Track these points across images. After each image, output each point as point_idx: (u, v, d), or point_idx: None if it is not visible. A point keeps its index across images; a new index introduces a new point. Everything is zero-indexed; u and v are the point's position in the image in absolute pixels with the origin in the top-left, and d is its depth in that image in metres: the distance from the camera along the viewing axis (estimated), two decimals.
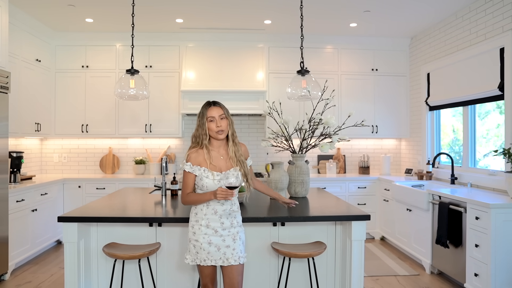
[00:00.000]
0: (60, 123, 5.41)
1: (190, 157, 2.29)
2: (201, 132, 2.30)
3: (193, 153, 2.30)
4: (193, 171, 2.26)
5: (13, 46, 4.40)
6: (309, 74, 3.17)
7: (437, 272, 4.02)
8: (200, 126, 2.31)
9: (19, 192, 4.09)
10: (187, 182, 2.28)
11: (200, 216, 2.26)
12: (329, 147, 3.27)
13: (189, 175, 2.28)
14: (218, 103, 2.35)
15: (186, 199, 2.28)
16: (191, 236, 2.27)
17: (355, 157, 5.97)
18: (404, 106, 5.70)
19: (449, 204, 3.64)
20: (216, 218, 2.26)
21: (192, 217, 2.30)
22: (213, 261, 2.25)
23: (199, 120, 2.31)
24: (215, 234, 2.25)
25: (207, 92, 5.15)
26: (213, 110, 2.30)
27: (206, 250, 2.24)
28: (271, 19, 4.88)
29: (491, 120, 4.15)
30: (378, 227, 5.38)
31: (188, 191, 2.29)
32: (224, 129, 2.30)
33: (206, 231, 2.24)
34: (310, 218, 2.60)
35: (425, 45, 5.21)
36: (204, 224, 2.24)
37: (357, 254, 2.62)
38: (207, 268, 2.29)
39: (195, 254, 2.27)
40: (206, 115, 2.30)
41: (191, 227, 2.29)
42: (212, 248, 2.24)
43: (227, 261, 2.24)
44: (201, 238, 2.24)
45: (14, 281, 3.80)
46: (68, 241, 2.53)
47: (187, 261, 2.30)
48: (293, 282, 2.86)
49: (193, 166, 2.27)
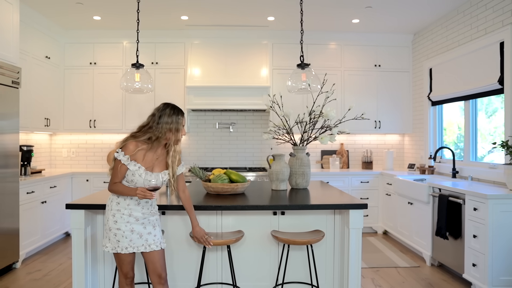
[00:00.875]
0: (68, 118, 5.55)
1: (129, 148, 2.24)
2: (160, 132, 2.27)
3: (132, 145, 2.25)
4: (128, 165, 2.24)
5: (24, 43, 4.54)
6: (309, 68, 3.25)
7: (437, 264, 4.07)
8: (168, 129, 2.28)
9: (29, 184, 4.23)
10: (118, 172, 2.25)
11: (123, 205, 2.28)
12: (329, 139, 3.34)
13: (122, 166, 2.24)
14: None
15: (113, 187, 2.27)
16: (112, 225, 2.26)
17: (358, 153, 6.02)
18: (407, 101, 5.75)
19: (448, 197, 3.69)
20: (139, 209, 2.30)
21: (114, 206, 2.29)
22: (135, 248, 2.27)
23: (173, 123, 2.29)
24: (137, 222, 2.28)
25: (212, 88, 5.25)
26: (184, 119, 2.38)
27: (128, 237, 2.25)
28: (275, 16, 4.96)
29: (499, 117, 4.15)
30: (380, 221, 5.43)
31: (117, 180, 2.26)
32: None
33: (129, 219, 2.27)
34: (308, 207, 2.67)
35: (428, 40, 5.25)
36: (126, 213, 2.27)
37: (355, 242, 2.69)
38: (129, 256, 2.31)
39: (116, 242, 2.26)
40: (181, 122, 2.33)
41: (112, 215, 2.28)
42: (135, 235, 2.26)
43: (149, 247, 2.28)
44: (123, 226, 2.25)
45: (25, 269, 3.94)
46: (75, 228, 2.64)
47: (106, 249, 2.29)
48: (292, 269, 2.94)
49: (129, 160, 2.24)
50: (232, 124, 5.87)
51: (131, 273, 2.36)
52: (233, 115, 5.89)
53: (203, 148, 5.88)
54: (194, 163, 5.79)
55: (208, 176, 3.16)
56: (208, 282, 2.92)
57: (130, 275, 2.36)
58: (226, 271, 2.92)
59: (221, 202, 2.69)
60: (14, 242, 3.86)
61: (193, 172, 3.18)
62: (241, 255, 2.93)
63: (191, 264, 2.90)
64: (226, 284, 2.92)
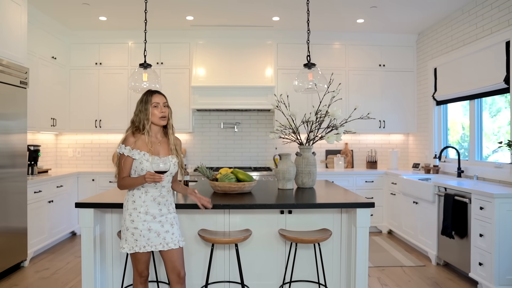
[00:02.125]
0: (74, 118, 5.58)
1: (129, 140, 2.30)
2: (143, 118, 2.33)
3: (130, 136, 2.32)
4: (132, 155, 2.27)
5: (31, 44, 4.57)
6: (315, 67, 3.26)
7: (443, 263, 4.08)
8: (142, 112, 2.33)
9: (36, 183, 4.26)
10: (124, 165, 2.28)
11: (139, 203, 2.28)
12: (335, 138, 3.36)
13: (127, 158, 2.28)
14: (161, 92, 2.44)
15: (122, 183, 2.27)
16: (129, 224, 2.27)
17: (362, 152, 6.03)
18: (411, 101, 5.75)
19: (454, 196, 3.70)
20: (155, 205, 2.30)
21: (130, 205, 2.30)
22: (152, 247, 2.28)
23: (142, 105, 2.34)
24: (154, 220, 2.29)
25: (217, 88, 5.27)
26: (157, 97, 2.37)
27: (146, 236, 2.26)
28: (279, 15, 4.97)
29: (503, 117, 4.16)
30: (385, 221, 5.44)
31: (124, 175, 2.28)
32: (166, 115, 2.38)
33: (145, 217, 2.27)
34: (316, 205, 2.69)
35: (432, 40, 5.26)
36: (143, 211, 2.27)
37: (362, 241, 2.71)
38: (145, 255, 2.31)
39: (134, 242, 2.26)
40: (150, 101, 2.34)
41: (128, 215, 2.29)
42: (152, 234, 2.27)
43: (167, 245, 2.29)
44: (140, 225, 2.26)
45: (33, 267, 3.97)
46: (84, 226, 2.66)
47: (124, 250, 2.29)
48: (299, 267, 2.96)
49: (132, 150, 2.28)
50: (237, 124, 5.89)
51: (146, 272, 2.37)
52: (238, 115, 5.91)
53: (208, 148, 5.90)
54: (200, 162, 5.81)
55: (215, 175, 3.18)
56: (216, 280, 2.93)
57: (144, 274, 2.37)
58: (234, 269, 2.94)
59: (228, 201, 2.71)
60: (22, 241, 3.89)
61: (200, 171, 3.19)
62: (249, 254, 2.95)
63: (199, 262, 2.92)
64: (234, 283, 2.94)
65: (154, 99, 2.36)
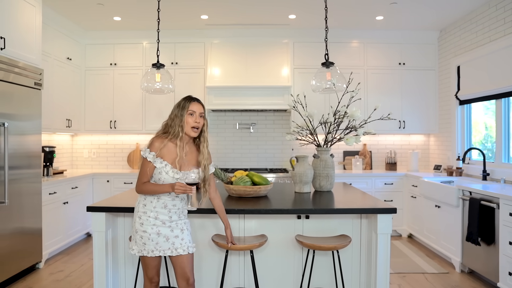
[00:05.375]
0: (89, 119, 5.57)
1: (154, 145, 2.21)
2: (177, 123, 2.22)
3: (157, 141, 2.22)
4: (154, 162, 2.19)
5: (46, 45, 4.57)
6: (334, 66, 3.13)
7: (468, 271, 3.89)
8: (177, 117, 2.22)
9: (51, 185, 4.25)
10: (146, 171, 2.20)
11: (149, 208, 2.22)
12: (354, 140, 3.22)
13: (149, 164, 2.20)
14: (200, 101, 2.31)
15: (142, 187, 2.20)
16: (138, 227, 2.21)
17: (381, 153, 5.85)
18: (432, 100, 5.55)
19: (480, 200, 3.51)
20: (165, 212, 2.23)
21: (140, 208, 2.24)
22: (161, 252, 2.21)
23: (178, 110, 2.23)
24: (164, 225, 2.22)
25: (232, 88, 5.18)
26: (195, 105, 2.26)
27: (154, 240, 2.20)
28: (296, 13, 4.85)
29: None
30: (405, 224, 5.26)
31: (145, 180, 2.21)
32: (199, 127, 2.26)
33: (155, 222, 2.21)
34: (334, 211, 2.57)
35: (455, 37, 5.05)
36: (153, 216, 2.21)
37: (383, 248, 2.57)
38: (154, 260, 2.25)
39: (142, 245, 2.21)
40: (187, 107, 2.23)
41: (138, 217, 2.23)
42: (161, 238, 2.20)
43: (176, 251, 2.22)
44: (150, 228, 2.19)
45: (47, 269, 3.95)
46: (96, 231, 2.61)
47: (133, 251, 2.25)
48: (317, 275, 2.84)
49: (156, 158, 2.19)
50: (252, 124, 5.79)
51: (156, 278, 2.31)
52: (254, 115, 5.81)
53: (223, 149, 5.82)
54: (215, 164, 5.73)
55: (230, 178, 3.08)
56: (230, 287, 2.84)
57: (155, 280, 2.30)
58: (249, 276, 2.84)
59: (243, 206, 2.61)
60: (37, 243, 3.88)
61: (215, 173, 3.09)
62: (264, 260, 2.85)
63: (212, 268, 2.83)
64: None
65: (192, 106, 2.25)
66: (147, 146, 2.24)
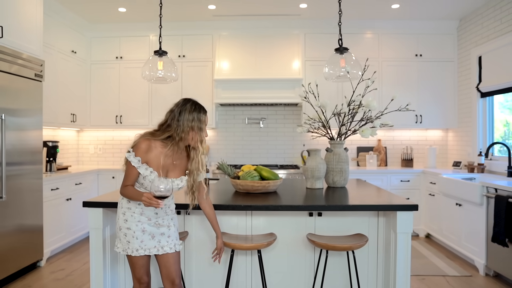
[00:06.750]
0: (95, 114, 5.44)
1: (140, 148, 1.98)
2: (182, 131, 1.99)
3: (144, 144, 1.99)
4: (138, 168, 1.99)
5: (50, 37, 4.44)
6: (348, 52, 2.91)
7: (493, 274, 3.62)
8: (184, 125, 1.99)
9: (54, 180, 4.11)
10: (130, 174, 2.01)
11: (134, 203, 2.06)
12: (370, 132, 3.00)
13: (133, 169, 1.99)
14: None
15: (124, 191, 2.01)
16: (122, 224, 2.05)
17: (397, 149, 5.60)
18: (451, 93, 5.27)
19: (508, 198, 3.25)
20: (151, 207, 2.04)
21: (124, 203, 2.07)
22: (146, 250, 2.05)
23: (194, 122, 2.01)
24: (149, 222, 2.06)
25: (241, 81, 4.98)
26: (207, 118, 2.09)
27: (139, 238, 2.04)
28: (307, 2, 4.63)
29: None
30: (423, 224, 4.99)
31: (128, 183, 2.01)
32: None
33: (140, 218, 2.05)
34: (350, 207, 2.35)
35: (476, 26, 4.76)
36: (138, 212, 2.05)
37: (403, 249, 2.35)
38: (141, 259, 2.07)
39: (127, 243, 2.05)
40: (203, 120, 2.05)
41: (122, 213, 2.07)
42: (146, 236, 2.05)
43: (162, 249, 2.06)
44: (134, 225, 2.04)
45: (49, 268, 3.81)
46: (93, 227, 2.45)
47: (118, 250, 2.10)
48: (330, 277, 2.63)
49: (140, 163, 1.99)
50: (262, 119, 5.59)
51: (145, 278, 2.12)
52: (263, 110, 5.61)
53: (231, 145, 5.63)
54: (222, 159, 5.55)
55: (237, 173, 2.89)
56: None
57: (144, 280, 2.12)
58: (256, 278, 2.64)
59: (251, 202, 2.41)
60: (38, 240, 3.74)
61: (221, 168, 2.92)
62: (273, 260, 2.65)
63: (218, 269, 2.64)
64: None
65: (206, 120, 2.08)
66: (132, 147, 2.02)
